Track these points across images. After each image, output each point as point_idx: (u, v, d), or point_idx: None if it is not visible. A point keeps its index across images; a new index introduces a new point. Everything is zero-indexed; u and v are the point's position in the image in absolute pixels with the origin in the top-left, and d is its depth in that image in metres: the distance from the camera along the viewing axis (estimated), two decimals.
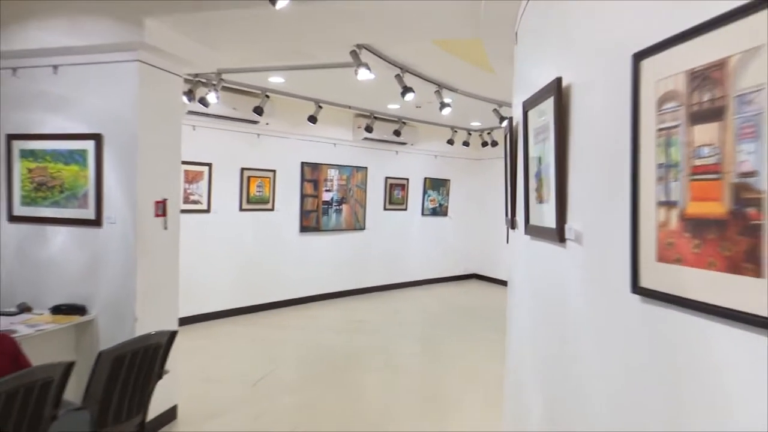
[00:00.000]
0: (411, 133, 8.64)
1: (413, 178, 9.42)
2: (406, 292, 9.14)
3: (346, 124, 8.09)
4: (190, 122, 6.33)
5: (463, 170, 10.31)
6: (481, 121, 8.13)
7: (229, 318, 6.82)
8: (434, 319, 7.28)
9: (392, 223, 9.16)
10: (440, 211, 9.94)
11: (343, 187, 8.24)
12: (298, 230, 7.72)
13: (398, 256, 9.28)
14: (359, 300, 8.30)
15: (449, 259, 10.21)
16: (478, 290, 9.59)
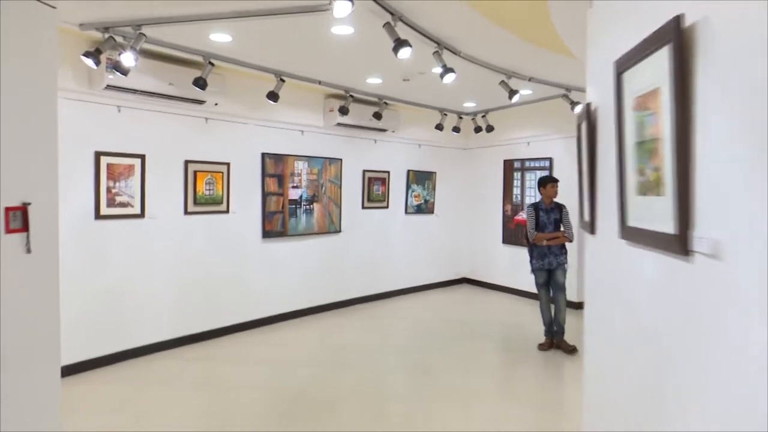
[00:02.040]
0: (392, 118, 7.36)
1: (395, 170, 8.14)
2: (390, 303, 7.86)
3: (315, 107, 6.74)
4: (113, 101, 4.90)
5: (450, 161, 9.07)
6: (479, 99, 6.88)
7: (170, 351, 5.41)
8: (429, 339, 6.02)
9: (372, 224, 7.86)
10: (426, 208, 8.69)
11: (313, 182, 6.91)
12: (260, 236, 6.36)
13: (380, 262, 7.99)
14: (337, 316, 6.99)
15: (437, 263, 8.97)
16: (471, 297, 8.38)
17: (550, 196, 5.60)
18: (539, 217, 5.59)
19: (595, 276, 2.49)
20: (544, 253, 5.58)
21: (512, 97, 5.12)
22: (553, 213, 5.60)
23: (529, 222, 5.62)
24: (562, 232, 5.56)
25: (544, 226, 5.57)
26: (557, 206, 5.64)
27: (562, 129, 7.45)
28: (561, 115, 7.25)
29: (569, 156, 7.48)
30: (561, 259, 5.62)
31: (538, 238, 5.53)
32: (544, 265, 5.60)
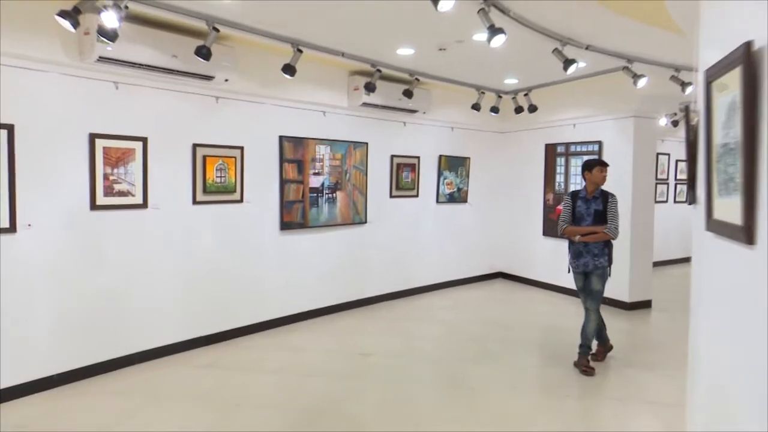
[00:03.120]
0: (423, 98, 6.65)
1: (425, 156, 7.44)
2: (419, 300, 7.22)
3: (338, 85, 6.08)
4: (109, 76, 4.33)
5: (486, 145, 8.32)
6: (522, 75, 6.12)
7: (177, 356, 4.87)
8: (465, 345, 5.36)
9: (400, 214, 7.20)
10: (459, 197, 7.98)
11: (336, 169, 6.27)
12: (278, 228, 5.76)
13: (409, 256, 7.34)
14: (360, 316, 6.37)
15: (470, 256, 8.27)
16: (508, 295, 7.67)
17: (596, 182, 4.62)
18: (576, 206, 4.66)
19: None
20: (580, 251, 4.64)
21: (568, 68, 4.37)
22: (594, 203, 4.61)
23: (563, 212, 4.74)
24: (602, 227, 4.54)
25: (581, 219, 4.62)
26: (603, 195, 4.63)
27: (614, 109, 6.64)
28: (613, 92, 6.46)
29: (622, 139, 6.68)
30: (600, 261, 4.60)
31: (568, 231, 4.62)
32: (579, 266, 4.67)
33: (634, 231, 6.62)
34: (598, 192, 4.64)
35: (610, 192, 4.69)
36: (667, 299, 7.19)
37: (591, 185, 4.65)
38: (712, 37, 1.94)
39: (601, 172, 4.64)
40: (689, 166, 2.57)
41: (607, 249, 4.63)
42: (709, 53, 1.85)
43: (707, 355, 2.03)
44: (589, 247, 4.58)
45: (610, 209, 4.57)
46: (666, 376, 4.53)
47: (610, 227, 4.53)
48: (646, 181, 6.77)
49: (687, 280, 7.67)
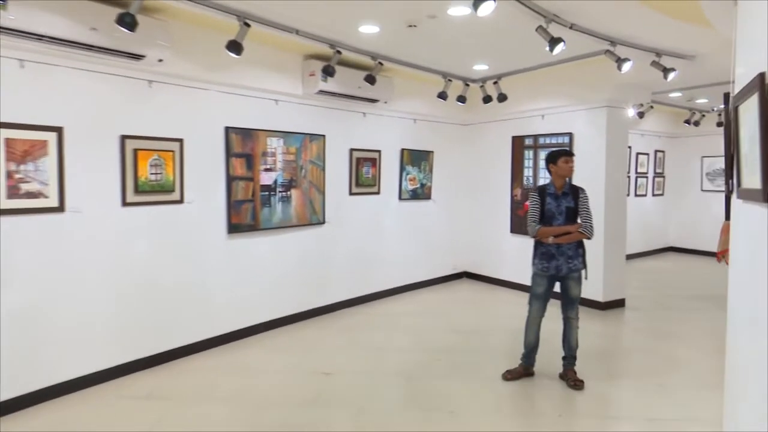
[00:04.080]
0: (385, 86, 6.10)
1: (387, 150, 6.89)
2: (383, 306, 6.67)
3: (292, 71, 5.44)
4: (11, 51, 3.56)
5: (450, 138, 7.85)
6: (494, 60, 5.64)
7: (106, 385, 4.14)
8: (437, 356, 4.86)
9: (361, 213, 6.63)
10: (422, 193, 7.48)
11: (291, 164, 5.64)
12: (225, 231, 5.08)
13: (370, 257, 6.78)
14: (320, 327, 5.77)
15: (435, 256, 7.79)
16: (476, 296, 7.24)
17: (563, 175, 4.12)
18: (545, 204, 4.12)
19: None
20: (551, 253, 4.10)
21: (554, 48, 3.91)
22: (565, 199, 4.11)
23: (531, 210, 4.15)
24: (577, 226, 4.07)
25: (552, 217, 4.10)
26: (573, 190, 4.15)
27: (586, 99, 6.29)
28: (585, 81, 6.12)
29: (594, 130, 6.33)
30: (575, 263, 4.09)
31: (542, 233, 4.06)
32: (550, 269, 4.11)
33: (608, 227, 6.30)
34: (568, 186, 4.16)
35: (579, 186, 4.23)
36: (638, 296, 6.94)
37: (558, 179, 4.15)
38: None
39: (567, 162, 4.13)
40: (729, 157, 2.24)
41: (581, 250, 4.16)
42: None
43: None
44: (562, 248, 4.08)
45: (583, 205, 4.11)
46: (660, 386, 4.16)
47: (586, 226, 4.05)
48: (618, 174, 6.46)
49: (654, 275, 7.41)
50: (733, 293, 2.61)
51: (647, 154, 10.33)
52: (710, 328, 5.87)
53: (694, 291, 7.56)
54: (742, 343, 2.27)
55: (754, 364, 1.98)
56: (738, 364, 2.38)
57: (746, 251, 2.20)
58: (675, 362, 4.71)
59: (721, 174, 10.33)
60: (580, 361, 4.54)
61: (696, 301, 6.96)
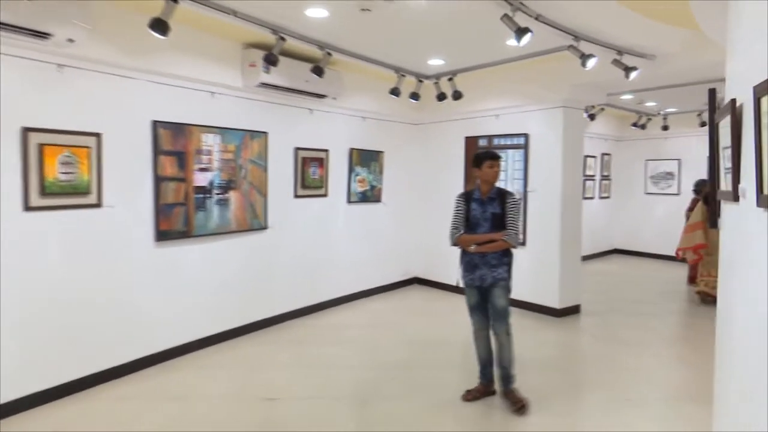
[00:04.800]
0: (333, 80, 5.67)
1: (335, 149, 6.45)
2: (331, 316, 6.22)
3: (230, 59, 4.92)
4: None
5: (400, 138, 7.50)
6: (451, 54, 5.29)
7: (11, 421, 3.50)
8: (392, 375, 4.47)
9: (307, 217, 6.15)
10: (372, 195, 7.08)
11: (229, 163, 5.10)
12: (153, 239, 4.50)
13: (318, 265, 6.32)
14: (263, 342, 5.26)
15: (385, 262, 7.41)
16: (428, 304, 6.91)
17: (488, 180, 3.80)
18: (470, 210, 3.84)
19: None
20: (474, 263, 3.82)
21: (521, 39, 3.60)
22: (491, 205, 3.80)
23: (455, 216, 3.88)
24: (500, 234, 3.74)
25: (476, 224, 3.81)
26: (500, 195, 3.83)
27: (542, 98, 6.08)
28: (542, 80, 5.92)
29: (550, 131, 6.13)
30: (498, 272, 3.78)
31: (463, 241, 3.81)
32: (474, 280, 3.84)
33: (564, 231, 6.11)
34: (495, 192, 3.84)
35: (507, 191, 3.92)
36: (592, 301, 6.80)
37: (484, 184, 3.83)
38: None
39: (492, 167, 3.79)
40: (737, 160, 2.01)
41: (506, 258, 3.84)
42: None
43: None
44: (485, 257, 3.78)
45: (509, 211, 3.78)
46: (629, 401, 3.93)
47: (510, 233, 3.74)
48: (575, 177, 6.29)
49: (604, 278, 7.26)
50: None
51: (595, 157, 10.36)
52: (668, 334, 5.79)
53: (644, 294, 7.53)
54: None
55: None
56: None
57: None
58: (639, 372, 4.51)
59: (665, 177, 10.51)
60: (544, 373, 4.27)
61: (648, 304, 6.90)
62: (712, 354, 4.93)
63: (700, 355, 4.95)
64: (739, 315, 1.88)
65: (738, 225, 1.96)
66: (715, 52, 4.59)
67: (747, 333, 1.75)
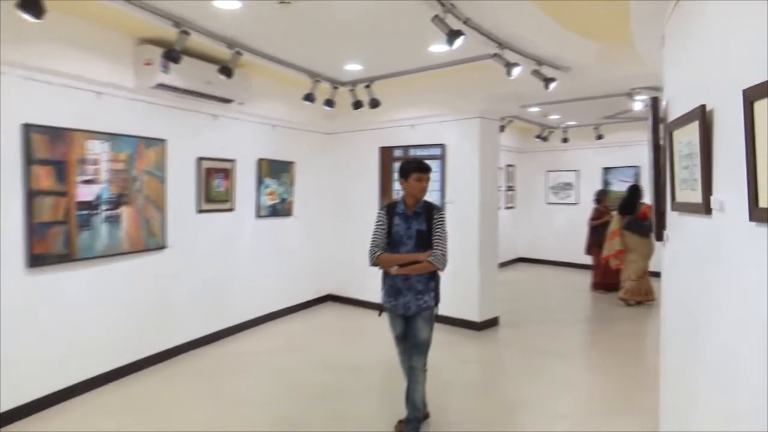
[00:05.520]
0: (241, 84, 5.20)
1: (242, 159, 5.94)
2: (241, 342, 5.67)
3: (121, 56, 4.31)
4: None
5: (312, 148, 7.12)
6: (369, 59, 5.02)
7: None
8: (311, 407, 4.06)
9: (212, 234, 5.58)
10: (283, 209, 6.62)
11: (120, 175, 4.45)
12: (23, 264, 3.76)
13: (224, 286, 5.75)
14: (164, 376, 4.63)
15: (298, 280, 6.96)
16: (344, 323, 6.57)
17: (414, 194, 3.38)
18: (393, 225, 3.41)
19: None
20: (398, 287, 3.38)
21: (453, 42, 3.40)
22: (416, 221, 3.38)
23: (375, 232, 3.45)
24: (427, 254, 3.30)
25: (399, 242, 3.38)
26: (427, 209, 3.42)
27: (459, 108, 6.00)
28: (460, 90, 5.85)
29: (467, 142, 6.06)
30: (425, 300, 3.37)
31: (383, 261, 3.36)
32: (398, 307, 3.40)
33: (483, 242, 6.04)
34: (421, 206, 3.42)
35: (436, 205, 3.51)
36: (508, 312, 6.78)
37: (410, 198, 3.41)
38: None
39: (420, 180, 3.36)
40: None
41: (433, 283, 3.42)
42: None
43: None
44: (410, 281, 3.35)
45: (437, 229, 3.36)
46: (564, 417, 3.82)
47: (437, 254, 3.30)
48: (492, 187, 6.26)
49: (514, 286, 7.29)
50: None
51: (501, 168, 10.59)
52: (585, 342, 5.88)
53: (554, 301, 7.70)
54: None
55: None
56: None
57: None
58: (566, 385, 4.47)
59: (564, 187, 10.98)
60: (471, 394, 4.09)
61: (560, 312, 7.04)
62: (635, 361, 5.08)
63: (621, 363, 5.04)
64: (718, 340, 1.74)
65: (711, 239, 1.83)
66: (626, 65, 4.73)
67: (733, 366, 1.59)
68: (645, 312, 7.11)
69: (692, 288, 2.04)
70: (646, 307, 7.26)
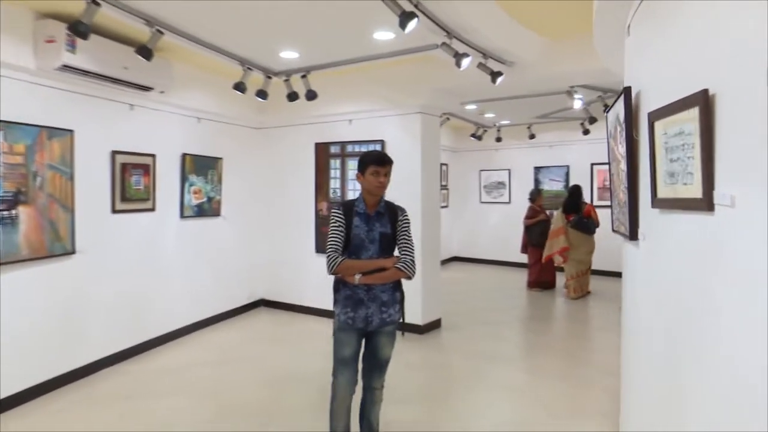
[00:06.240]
0: (161, 70, 4.71)
1: (165, 154, 5.39)
2: (165, 355, 5.13)
3: (17, 31, 3.72)
4: None
5: (242, 143, 6.64)
6: (308, 46, 4.63)
7: None
8: (249, 428, 3.65)
9: (131, 236, 5.01)
10: (210, 209, 6.11)
11: (16, 170, 3.84)
12: None
13: (145, 294, 5.19)
14: (74, 400, 4.04)
15: (228, 284, 6.46)
16: (279, 329, 6.15)
17: (371, 190, 2.86)
18: (352, 226, 2.87)
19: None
20: (359, 298, 2.85)
21: (406, 25, 3.12)
22: (380, 222, 2.91)
23: (331, 235, 2.86)
24: (393, 260, 2.87)
25: (361, 246, 2.86)
26: (390, 210, 2.96)
27: (400, 103, 5.77)
28: (401, 83, 5.63)
29: (409, 139, 5.82)
30: (389, 312, 2.90)
31: (345, 268, 2.81)
32: (357, 320, 2.86)
33: (425, 243, 5.83)
34: (383, 206, 2.95)
35: (399, 206, 3.03)
36: (449, 313, 6.61)
37: (370, 196, 2.90)
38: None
39: (377, 175, 2.82)
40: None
41: (399, 294, 2.97)
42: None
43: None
44: (374, 291, 2.86)
45: (402, 232, 2.93)
46: (515, 424, 3.65)
47: (406, 260, 2.85)
48: (434, 186, 6.07)
49: (452, 287, 7.09)
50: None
51: None
52: (530, 343, 5.80)
53: (493, 301, 7.64)
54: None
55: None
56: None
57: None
58: (518, 391, 4.31)
59: (497, 186, 11.06)
60: (418, 402, 3.84)
61: (499, 312, 6.97)
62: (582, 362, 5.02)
63: (569, 364, 4.98)
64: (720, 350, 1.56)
65: (712, 238, 1.65)
66: (570, 62, 4.67)
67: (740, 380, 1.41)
68: (582, 307, 7.21)
69: (681, 289, 1.87)
70: (583, 301, 7.43)
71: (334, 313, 2.95)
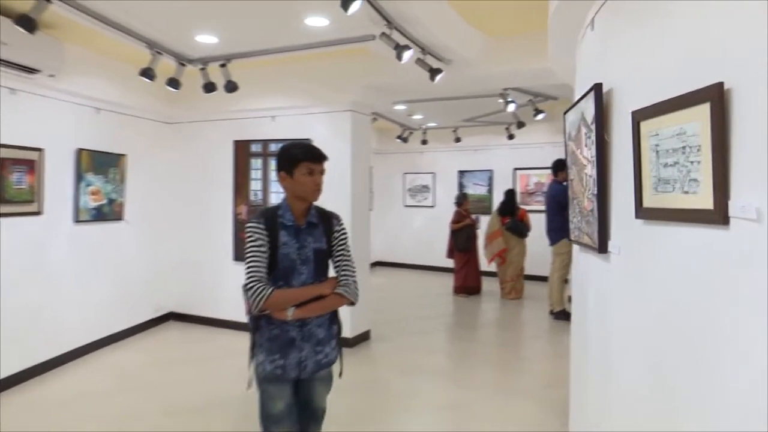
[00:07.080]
0: (51, 51, 4.04)
1: (55, 148, 4.65)
2: (55, 382, 4.38)
3: None
4: None
5: (149, 139, 5.94)
6: (224, 31, 4.11)
7: None
8: None
9: (11, 244, 4.25)
10: (111, 212, 5.38)
11: None
12: None
13: (30, 312, 4.42)
14: None
15: (132, 297, 5.73)
16: (189, 348, 5.53)
17: (305, 195, 2.28)
18: (279, 244, 2.24)
19: None
20: (290, 337, 2.25)
21: (349, 6, 2.72)
22: (312, 235, 2.31)
23: (252, 257, 2.18)
24: (331, 283, 2.30)
25: (292, 269, 2.25)
26: (324, 219, 2.39)
27: (328, 100, 5.37)
28: (330, 79, 5.26)
29: (338, 138, 5.44)
30: (326, 352, 2.35)
31: (276, 304, 2.16)
32: (288, 368, 2.25)
33: (355, 249, 5.41)
34: (314, 214, 2.36)
35: (333, 213, 2.46)
36: (376, 323, 6.25)
37: (298, 201, 2.29)
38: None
39: (312, 174, 2.26)
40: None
41: (336, 326, 2.43)
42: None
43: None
44: (309, 327, 2.28)
45: (340, 247, 2.37)
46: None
47: (348, 283, 2.31)
48: (363, 189, 5.72)
49: (377, 293, 6.74)
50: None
51: None
52: (464, 354, 5.57)
53: (421, 309, 7.40)
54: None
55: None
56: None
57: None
58: (457, 408, 4.04)
59: (421, 190, 10.91)
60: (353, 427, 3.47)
61: (429, 320, 6.73)
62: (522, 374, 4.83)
63: (507, 377, 4.81)
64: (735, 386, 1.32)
65: (726, 257, 1.41)
66: (509, 63, 4.51)
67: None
68: (512, 313, 7.16)
69: (678, 315, 1.63)
70: (512, 307, 7.44)
71: (252, 358, 2.32)
